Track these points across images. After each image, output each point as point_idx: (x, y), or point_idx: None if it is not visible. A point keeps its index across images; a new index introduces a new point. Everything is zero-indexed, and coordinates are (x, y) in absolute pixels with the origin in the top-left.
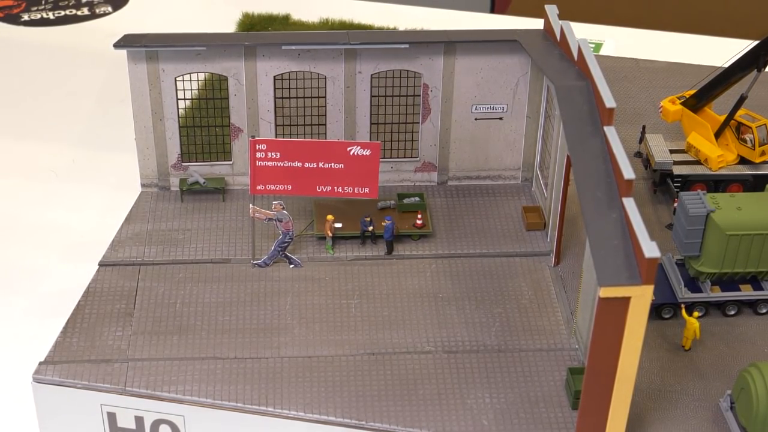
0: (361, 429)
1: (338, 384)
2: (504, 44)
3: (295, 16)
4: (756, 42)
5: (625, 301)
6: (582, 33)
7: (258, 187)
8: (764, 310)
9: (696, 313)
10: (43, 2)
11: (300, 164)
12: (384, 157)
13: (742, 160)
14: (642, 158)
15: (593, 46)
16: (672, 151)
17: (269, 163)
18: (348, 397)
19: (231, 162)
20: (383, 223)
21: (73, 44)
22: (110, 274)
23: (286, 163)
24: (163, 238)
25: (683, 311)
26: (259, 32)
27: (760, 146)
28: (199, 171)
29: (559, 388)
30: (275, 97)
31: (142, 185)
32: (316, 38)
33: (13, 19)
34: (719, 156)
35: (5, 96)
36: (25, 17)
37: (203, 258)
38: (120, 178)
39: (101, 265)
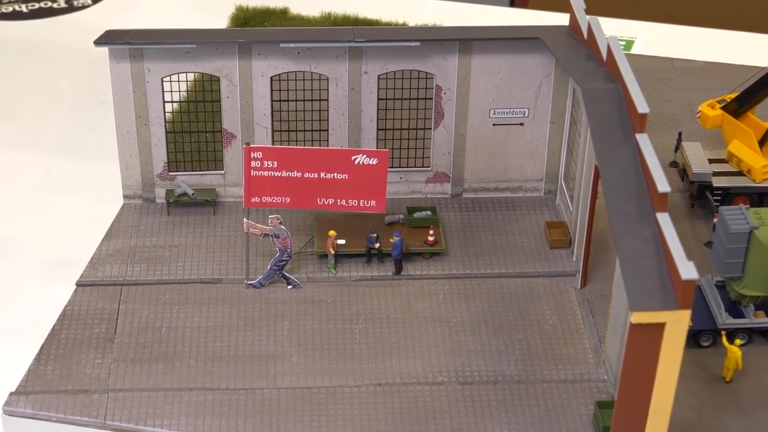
0: None
1: (341, 418)
2: (525, 42)
3: (294, 9)
4: None
5: (660, 327)
6: (611, 29)
7: (253, 200)
8: None
9: (738, 341)
10: None
11: (299, 174)
12: (392, 167)
13: None
14: (678, 169)
15: (624, 44)
16: (711, 161)
17: (265, 173)
18: None
19: (223, 171)
20: (391, 240)
21: (48, 40)
22: (89, 295)
23: (284, 173)
24: (147, 256)
25: (724, 339)
26: (255, 28)
27: None
28: (188, 181)
29: (586, 424)
30: (272, 100)
31: (125, 197)
32: (318, 35)
33: None
34: (764, 166)
35: None
36: None
37: (192, 278)
38: (100, 189)
39: (79, 285)
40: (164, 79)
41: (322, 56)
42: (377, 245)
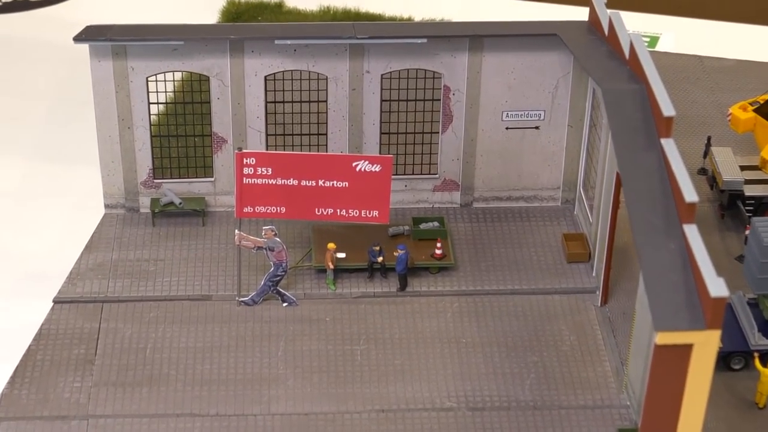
0: None
1: None
2: (541, 39)
3: (290, 3)
4: None
5: (687, 348)
6: (635, 25)
7: (245, 209)
8: None
9: None
10: None
11: (296, 182)
12: (396, 174)
13: None
14: (707, 176)
15: (648, 40)
16: (743, 168)
17: (259, 181)
18: None
19: (213, 179)
20: (395, 254)
21: (23, 36)
22: (67, 313)
23: (279, 181)
24: (130, 270)
25: (757, 361)
26: (248, 23)
27: None
28: (175, 189)
29: None
30: (266, 102)
31: (106, 206)
32: (316, 31)
33: None
34: None
35: None
36: None
37: (179, 294)
38: (79, 197)
39: (56, 301)
40: (149, 79)
41: (320, 54)
42: (380, 259)
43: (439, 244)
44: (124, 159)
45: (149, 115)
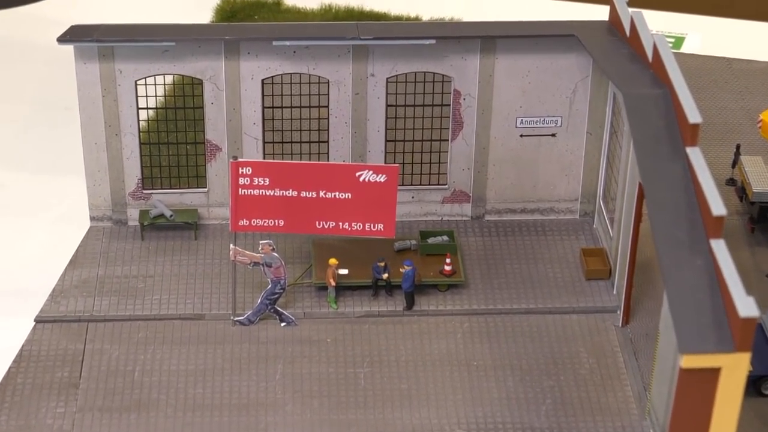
0: None
1: None
2: (558, 40)
3: (289, 1)
4: None
5: (714, 372)
6: (659, 24)
7: (241, 222)
8: None
9: None
10: None
11: (295, 193)
12: (403, 184)
13: None
14: (736, 187)
15: (673, 41)
16: None
17: (255, 192)
18: None
19: (206, 189)
20: (402, 270)
21: (3, 35)
22: (50, 333)
23: (278, 192)
24: (118, 287)
25: None
26: (243, 23)
27: None
28: (165, 201)
29: None
30: (263, 107)
31: (92, 218)
32: (317, 31)
33: None
34: None
35: None
36: None
37: (170, 313)
38: (63, 209)
39: (38, 321)
40: (138, 83)
41: (321, 56)
42: (385, 276)
43: (448, 260)
44: (111, 168)
45: (138, 121)
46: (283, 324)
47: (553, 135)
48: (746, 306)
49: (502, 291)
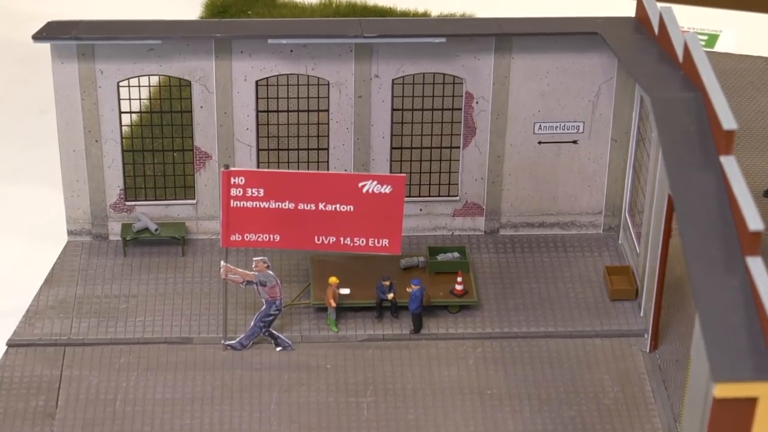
0: None
1: None
2: (580, 38)
3: None
4: None
5: (751, 403)
6: (690, 21)
7: (233, 237)
8: None
9: None
10: None
11: (292, 205)
12: (410, 196)
13: None
14: None
15: (706, 39)
16: None
17: (249, 204)
18: None
19: (194, 201)
20: (408, 290)
21: None
22: (23, 358)
23: (273, 204)
24: (98, 308)
25: None
26: (236, 19)
27: None
28: (150, 213)
29: None
30: (257, 111)
31: (70, 232)
32: (316, 28)
33: None
34: None
35: None
36: None
37: (155, 336)
38: (38, 223)
39: (11, 344)
40: (121, 84)
41: (321, 55)
42: (390, 296)
43: (459, 279)
44: (91, 178)
45: (120, 126)
46: (278, 348)
47: (575, 142)
48: None
49: (518, 313)
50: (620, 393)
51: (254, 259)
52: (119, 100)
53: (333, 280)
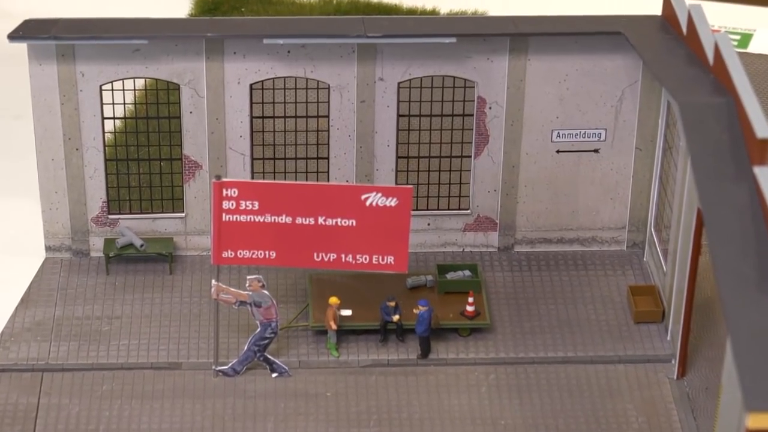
0: None
1: None
2: (602, 39)
3: None
4: None
5: None
6: (722, 19)
7: (225, 254)
8: None
9: None
10: None
11: (289, 219)
12: (417, 209)
13: None
14: None
15: (738, 39)
16: None
17: (242, 217)
18: None
19: (183, 214)
20: (416, 311)
21: None
22: None
23: (268, 218)
24: (78, 330)
25: None
26: (228, 17)
27: None
28: (135, 228)
29: None
30: (252, 117)
31: (48, 248)
32: (315, 27)
33: None
34: None
35: None
36: None
37: (140, 361)
38: (13, 238)
39: None
40: (104, 87)
41: (321, 57)
42: (396, 318)
43: (471, 299)
44: (71, 189)
45: (103, 133)
46: (274, 375)
47: (596, 151)
48: None
49: (534, 336)
50: (645, 424)
51: (248, 277)
52: (102, 104)
53: (333, 300)
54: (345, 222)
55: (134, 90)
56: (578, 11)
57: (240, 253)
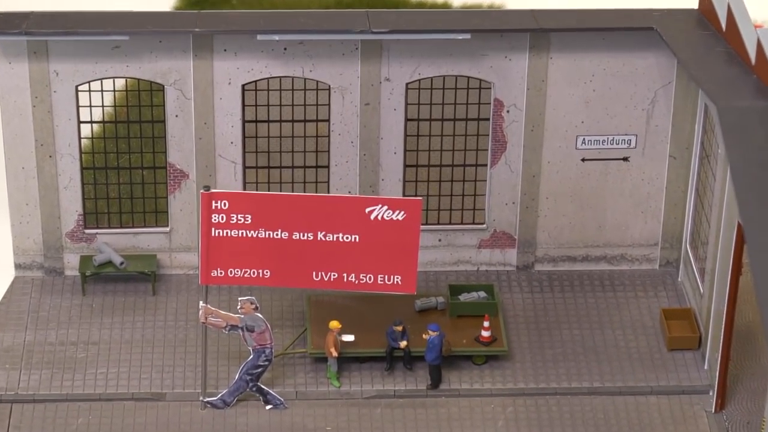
0: None
1: None
2: (632, 35)
3: None
4: None
5: None
6: (765, 13)
7: (214, 273)
8: None
9: None
10: None
11: (285, 234)
12: (427, 223)
13: None
14: None
15: None
16: None
17: (233, 232)
18: None
19: (168, 229)
20: (425, 336)
21: None
22: None
23: (262, 233)
24: (51, 358)
25: None
26: (217, 11)
27: None
28: (114, 244)
29: None
30: (244, 121)
31: (18, 266)
32: (315, 22)
33: None
34: None
35: None
36: None
37: (119, 392)
38: None
39: None
40: (80, 88)
41: (320, 54)
42: (403, 344)
43: (486, 324)
44: (44, 201)
45: (79, 139)
46: (268, 407)
47: (626, 159)
48: None
49: (557, 365)
50: None
51: (240, 299)
52: (78, 107)
53: (334, 324)
54: (347, 238)
55: (114, 91)
56: (606, 4)
57: (231, 272)
